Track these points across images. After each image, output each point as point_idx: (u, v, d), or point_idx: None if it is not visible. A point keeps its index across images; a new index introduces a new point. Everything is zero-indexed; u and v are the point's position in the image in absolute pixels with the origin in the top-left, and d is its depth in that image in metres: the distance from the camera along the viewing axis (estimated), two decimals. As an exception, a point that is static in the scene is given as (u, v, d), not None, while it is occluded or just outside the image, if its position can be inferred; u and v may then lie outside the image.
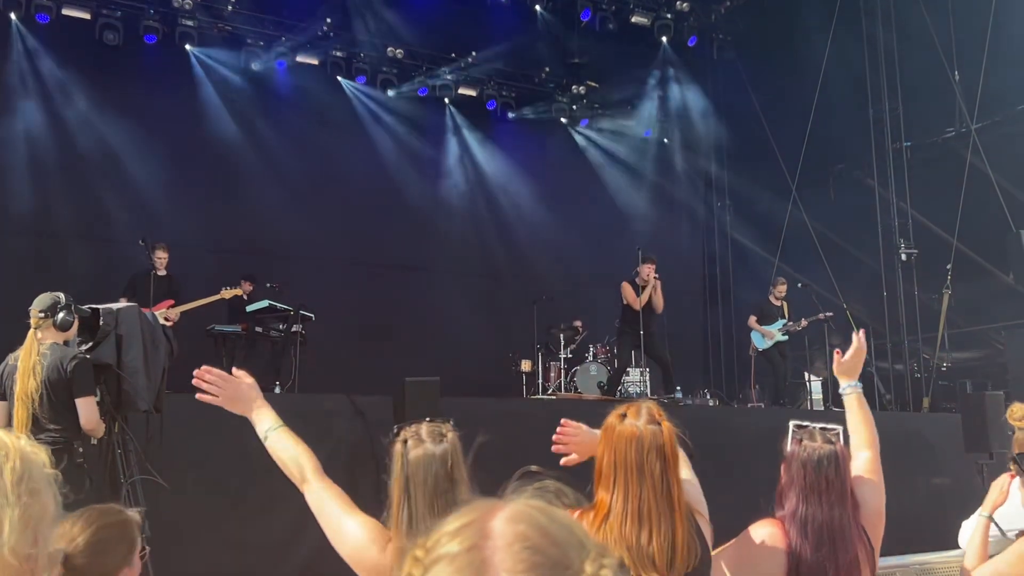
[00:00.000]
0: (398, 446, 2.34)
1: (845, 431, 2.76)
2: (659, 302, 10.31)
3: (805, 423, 2.73)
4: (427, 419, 2.40)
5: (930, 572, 4.31)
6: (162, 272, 9.40)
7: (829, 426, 2.72)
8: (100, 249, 11.01)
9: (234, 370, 2.54)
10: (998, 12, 10.96)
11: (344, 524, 2.36)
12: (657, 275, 10.32)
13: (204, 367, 2.50)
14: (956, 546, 3.90)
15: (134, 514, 2.30)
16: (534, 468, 1.10)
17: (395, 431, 2.38)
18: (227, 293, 9.67)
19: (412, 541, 2.40)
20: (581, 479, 2.50)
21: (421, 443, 2.31)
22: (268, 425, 2.48)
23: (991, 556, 3.26)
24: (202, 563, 5.72)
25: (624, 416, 2.39)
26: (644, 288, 10.21)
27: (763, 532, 2.64)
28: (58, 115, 11.21)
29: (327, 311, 10.57)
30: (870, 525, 2.70)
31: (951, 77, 11.66)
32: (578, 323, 11.17)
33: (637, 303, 10.05)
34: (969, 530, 3.53)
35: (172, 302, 9.23)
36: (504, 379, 11.27)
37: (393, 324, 12.17)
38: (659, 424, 2.36)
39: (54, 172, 11.03)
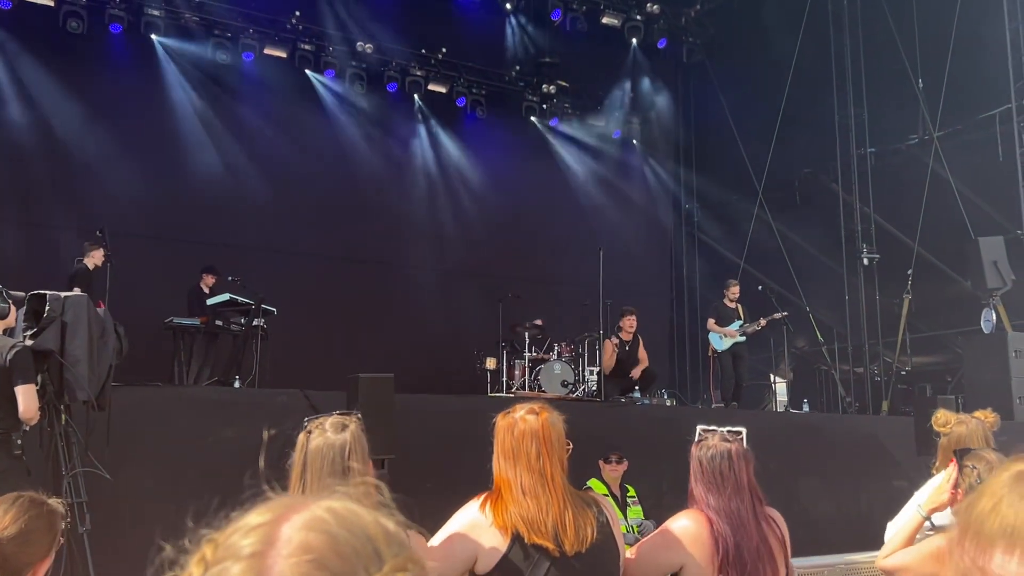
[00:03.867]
0: (302, 436, 2.37)
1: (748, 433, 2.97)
2: (643, 358, 10.66)
3: (712, 427, 2.97)
4: (336, 412, 2.43)
5: (856, 572, 4.38)
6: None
7: (734, 428, 2.96)
8: (53, 237, 10.81)
9: None
10: (961, 23, 11.11)
11: None
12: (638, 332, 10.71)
13: None
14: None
15: (58, 505, 2.28)
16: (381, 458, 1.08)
17: (305, 422, 2.41)
18: None
19: None
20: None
21: (323, 434, 2.34)
22: None
23: None
24: (146, 557, 5.64)
25: (509, 412, 2.71)
26: (628, 343, 10.56)
27: (683, 521, 2.88)
28: (20, 102, 11.02)
29: (290, 305, 10.47)
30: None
31: (915, 85, 11.80)
32: (539, 322, 11.09)
33: (609, 368, 10.38)
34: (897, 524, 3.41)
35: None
36: (470, 376, 11.22)
37: (358, 319, 12.10)
38: (536, 415, 2.65)
39: (12, 159, 10.83)
